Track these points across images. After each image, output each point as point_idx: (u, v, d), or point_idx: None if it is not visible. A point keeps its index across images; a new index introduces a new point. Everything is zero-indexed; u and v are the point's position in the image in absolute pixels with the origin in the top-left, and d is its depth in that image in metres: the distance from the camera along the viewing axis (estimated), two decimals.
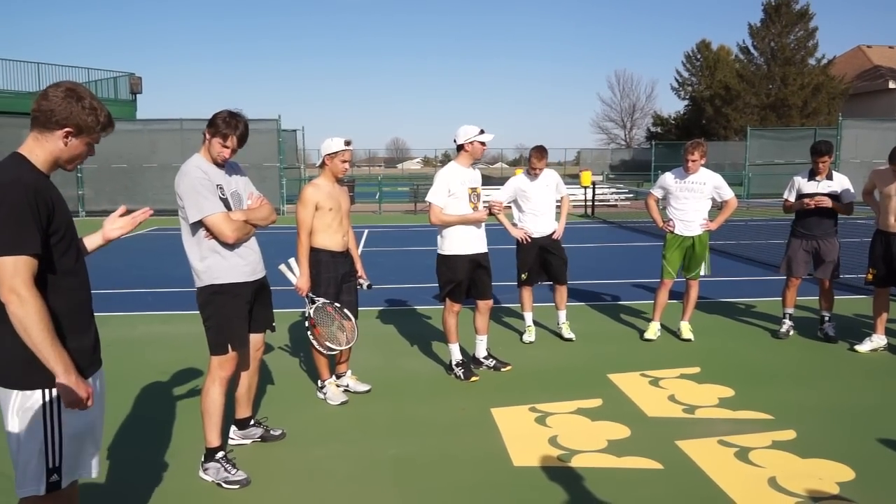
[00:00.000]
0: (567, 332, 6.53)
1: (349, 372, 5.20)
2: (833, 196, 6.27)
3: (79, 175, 20.76)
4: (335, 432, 4.42)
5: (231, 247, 3.67)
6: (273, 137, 21.43)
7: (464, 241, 5.33)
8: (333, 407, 4.86)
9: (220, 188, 3.65)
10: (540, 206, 6.35)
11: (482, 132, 5.27)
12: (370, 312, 7.57)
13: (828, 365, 5.81)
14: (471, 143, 5.25)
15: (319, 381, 5.02)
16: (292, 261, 4.73)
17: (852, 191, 6.37)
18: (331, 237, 4.76)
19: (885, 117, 32.93)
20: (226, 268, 3.68)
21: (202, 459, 3.77)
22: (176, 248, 4.46)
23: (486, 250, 5.48)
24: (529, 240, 6.33)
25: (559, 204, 6.66)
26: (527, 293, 6.52)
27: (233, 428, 4.22)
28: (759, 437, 4.24)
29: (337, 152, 4.73)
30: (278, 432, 4.30)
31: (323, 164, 4.82)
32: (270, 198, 4.27)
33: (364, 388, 5.15)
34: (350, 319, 4.74)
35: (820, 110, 40.09)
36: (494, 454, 4.05)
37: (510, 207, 6.54)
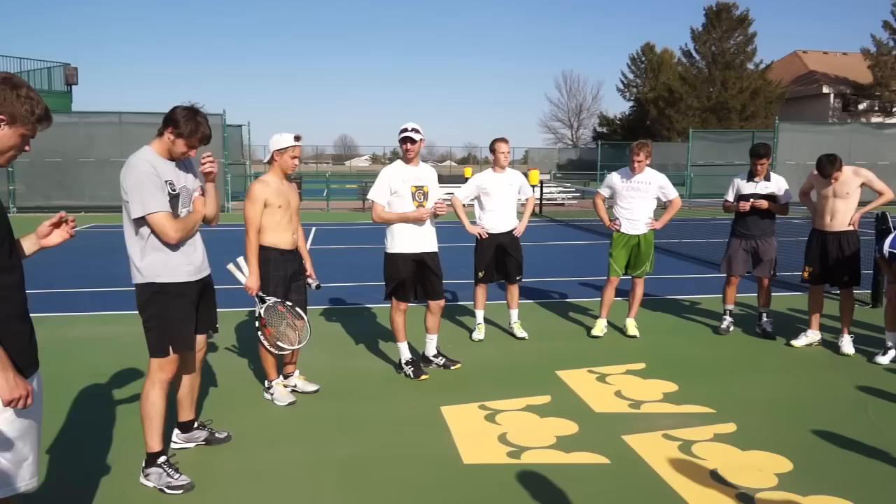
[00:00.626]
0: (519, 331, 6.57)
1: (297, 372, 5.12)
2: (770, 197, 6.49)
3: (10, 170, 19.88)
4: (283, 434, 4.34)
5: (175, 245, 3.56)
6: (217, 133, 20.93)
7: (407, 240, 5.31)
8: (281, 408, 4.77)
9: (170, 184, 3.52)
10: (501, 205, 6.36)
11: (403, 131, 5.23)
12: (318, 311, 7.48)
13: (766, 360, 6.00)
14: (399, 141, 5.25)
15: (266, 382, 4.93)
16: (241, 260, 4.62)
17: (789, 191, 6.60)
18: (280, 235, 4.67)
19: (819, 121, 34.30)
20: (169, 267, 3.56)
21: (143, 464, 3.65)
22: (115, 245, 4.31)
23: (435, 249, 5.47)
24: (486, 236, 6.35)
25: (523, 204, 6.71)
26: (481, 291, 6.54)
27: (176, 431, 4.10)
28: (701, 431, 4.35)
29: (286, 148, 4.65)
30: (223, 435, 4.20)
31: (271, 161, 4.72)
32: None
33: (312, 388, 5.08)
34: (302, 318, 4.67)
35: (758, 113, 41.50)
36: (444, 452, 4.05)
37: (472, 205, 6.56)
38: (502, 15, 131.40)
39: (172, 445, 4.05)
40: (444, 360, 5.69)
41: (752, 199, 6.46)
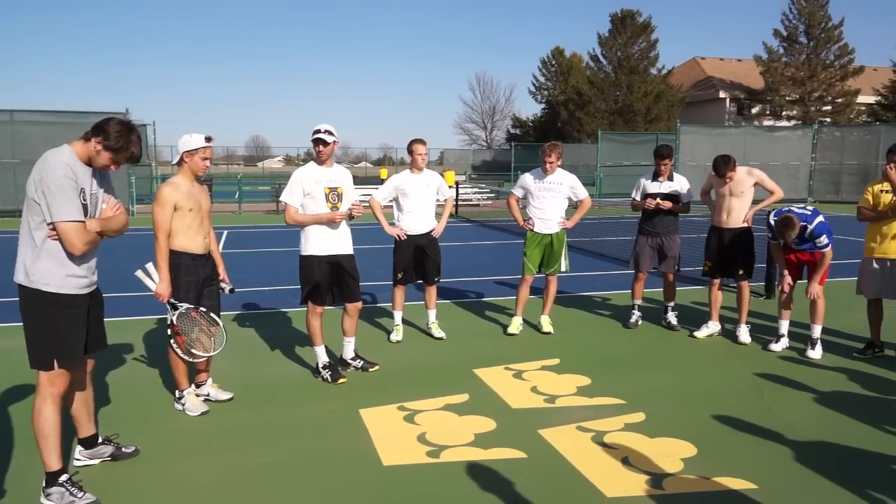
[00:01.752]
0: (437, 332, 6.61)
1: (210, 380, 4.97)
2: (674, 195, 6.80)
3: None
4: (195, 445, 4.21)
5: (74, 257, 3.39)
6: None
7: (322, 242, 5.25)
8: (193, 418, 4.62)
9: (83, 192, 3.35)
10: (419, 206, 6.37)
11: (315, 132, 5.18)
12: (231, 317, 7.29)
13: (671, 351, 6.29)
14: (312, 142, 5.21)
15: (177, 392, 4.76)
16: (150, 265, 4.44)
17: (690, 191, 6.94)
18: (191, 239, 4.53)
19: (717, 124, 36.21)
20: (61, 276, 3.37)
21: (43, 485, 3.46)
22: (6, 253, 4.05)
23: (351, 252, 5.43)
24: (405, 237, 6.35)
25: (441, 205, 6.74)
26: (399, 292, 6.54)
27: (78, 448, 3.90)
28: (612, 421, 4.52)
29: (197, 149, 4.51)
30: (131, 449, 4.03)
31: (181, 162, 4.56)
32: (118, 197, 3.97)
33: (226, 396, 4.94)
34: (218, 324, 4.54)
35: (661, 116, 43.35)
36: (363, 455, 4.03)
37: (390, 206, 6.55)
38: (416, 17, 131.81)
39: (75, 463, 3.85)
40: (362, 362, 5.66)
41: (657, 200, 6.75)
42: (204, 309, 4.52)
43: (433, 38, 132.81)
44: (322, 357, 5.43)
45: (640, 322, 7.11)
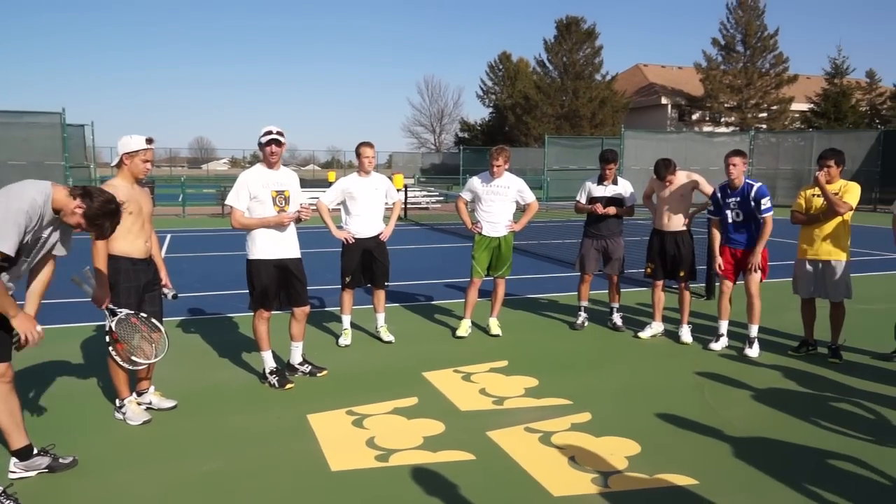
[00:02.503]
0: (386, 335, 6.59)
1: (152, 388, 4.85)
2: (618, 199, 6.95)
3: None
4: (137, 455, 4.09)
5: None
6: (56, 132, 19.40)
7: (269, 246, 5.19)
8: (134, 427, 4.49)
9: (32, 233, 3.38)
10: (367, 209, 6.34)
11: (267, 134, 5.12)
12: (175, 323, 7.11)
13: (617, 351, 6.42)
14: (259, 145, 5.14)
15: (118, 401, 4.62)
16: (87, 270, 4.30)
17: (634, 194, 7.10)
18: (131, 243, 4.41)
19: (659, 129, 37.17)
20: None
21: None
22: None
23: (298, 255, 5.38)
24: (353, 241, 6.31)
25: (389, 208, 6.73)
26: (347, 296, 6.50)
27: (13, 460, 3.75)
28: (559, 422, 4.59)
29: (137, 151, 4.40)
30: (68, 460, 3.89)
31: (120, 164, 4.44)
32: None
33: (169, 404, 4.82)
34: (159, 330, 4.43)
35: (606, 121, 44.23)
36: (311, 461, 3.99)
37: (338, 210, 6.50)
38: (364, 20, 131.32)
39: (10, 476, 3.70)
40: (310, 367, 5.61)
41: (603, 207, 6.87)
42: (145, 315, 4.41)
43: (381, 40, 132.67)
44: (269, 362, 5.36)
45: (586, 323, 7.24)
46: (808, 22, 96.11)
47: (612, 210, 6.90)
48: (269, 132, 5.11)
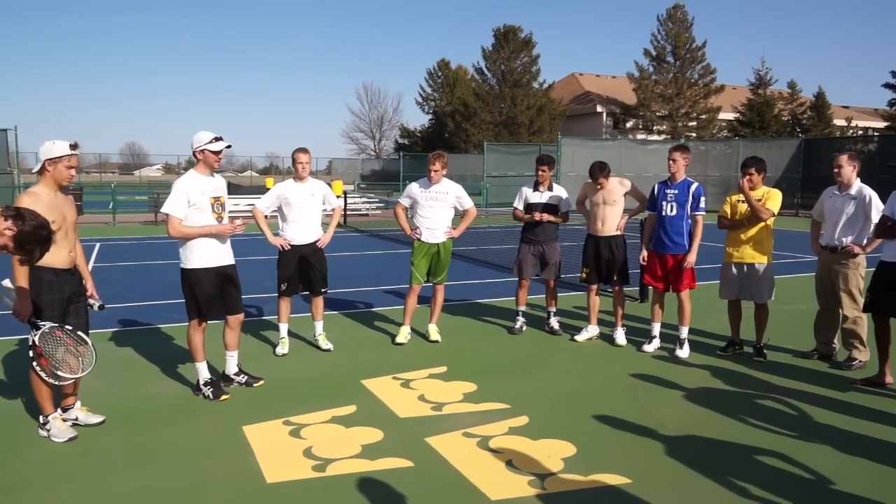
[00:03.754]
0: (324, 343, 6.52)
1: (78, 403, 4.66)
2: (553, 205, 7.08)
3: None
4: (62, 473, 3.93)
5: None
6: None
7: (209, 254, 5.08)
8: (59, 444, 4.31)
9: None
10: (304, 216, 6.26)
11: (216, 139, 5.06)
12: (106, 335, 6.86)
13: (554, 355, 6.53)
14: (202, 151, 5.03)
15: (42, 417, 4.42)
16: (7, 282, 4.10)
17: (569, 200, 7.24)
18: (54, 253, 4.21)
19: (595, 137, 38.02)
20: None
21: None
22: None
23: (233, 262, 5.28)
24: (289, 247, 6.23)
25: (328, 215, 6.67)
26: (284, 304, 6.40)
27: None
28: (497, 426, 4.63)
29: (61, 157, 4.24)
30: None
31: (43, 171, 4.27)
32: None
33: (97, 419, 4.65)
34: (86, 343, 4.26)
35: (544, 129, 44.97)
36: (246, 474, 3.91)
37: (275, 216, 6.41)
38: (303, 26, 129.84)
39: None
40: (245, 377, 5.50)
41: (542, 215, 6.98)
42: (70, 327, 4.24)
43: (319, 46, 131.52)
44: (203, 373, 5.23)
45: (524, 328, 7.33)
46: (733, 35, 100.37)
47: (549, 217, 7.01)
48: (218, 138, 5.03)
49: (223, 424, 4.66)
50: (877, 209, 5.78)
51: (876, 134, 37.33)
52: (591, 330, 7.05)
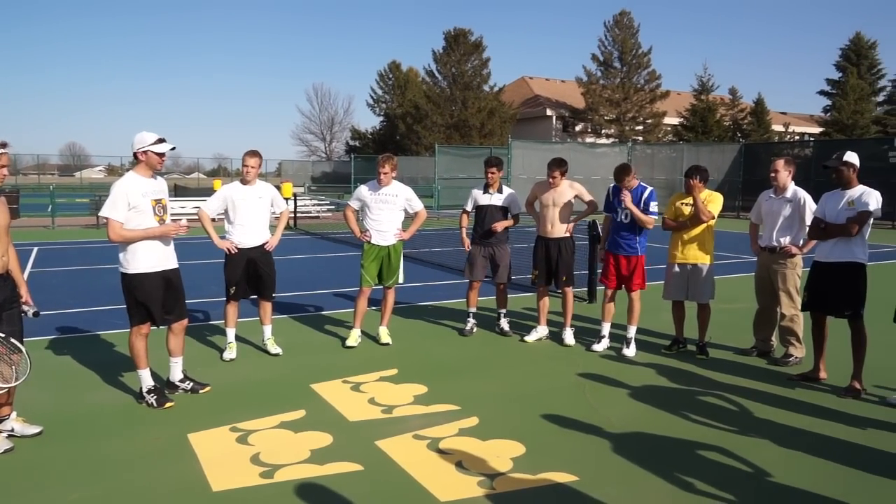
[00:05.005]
0: (273, 348, 6.43)
1: (14, 414, 4.48)
2: (503, 208, 7.14)
3: None
4: None
5: None
6: None
7: (153, 257, 4.95)
8: None
9: None
10: (251, 218, 6.16)
11: (160, 141, 4.94)
12: (43, 343, 6.62)
13: (504, 356, 6.58)
14: (144, 152, 4.91)
15: None
16: None
17: (518, 203, 7.32)
18: None
19: (544, 140, 38.49)
20: None
21: None
22: None
23: (177, 266, 5.17)
24: (236, 251, 6.12)
25: (277, 217, 6.58)
26: (232, 308, 6.29)
27: None
28: (447, 428, 4.65)
29: None
30: None
31: None
32: None
33: (34, 430, 4.48)
34: (20, 351, 4.10)
35: (495, 131, 45.30)
36: (191, 482, 3.83)
37: (222, 219, 6.28)
38: (251, 31, 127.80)
39: None
40: (191, 384, 5.38)
41: (496, 228, 7.05)
42: (3, 335, 4.08)
43: (269, 47, 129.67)
44: (146, 381, 5.09)
45: (474, 329, 7.37)
46: (677, 42, 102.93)
47: (499, 226, 7.07)
48: (162, 140, 4.92)
49: (168, 432, 4.55)
50: (811, 211, 6.01)
51: (811, 139, 38.80)
52: (541, 331, 7.13)
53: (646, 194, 6.49)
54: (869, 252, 5.51)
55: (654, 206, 6.49)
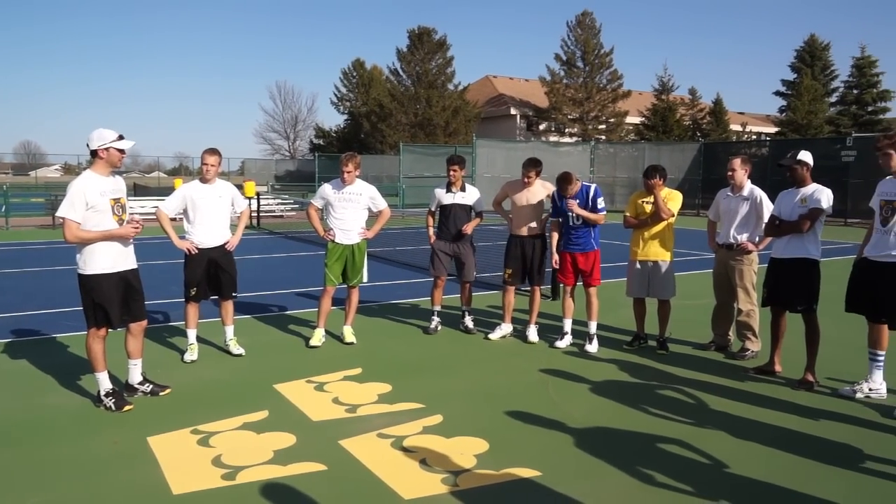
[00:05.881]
0: (235, 349, 6.36)
1: None
2: (466, 206, 7.17)
3: None
4: None
5: None
6: None
7: (112, 258, 4.86)
8: None
9: None
10: (211, 218, 6.08)
11: (120, 138, 4.86)
12: None
13: (468, 354, 6.62)
14: (105, 149, 4.82)
15: None
16: None
17: (481, 201, 7.35)
18: None
19: (509, 138, 38.69)
20: None
21: None
22: None
23: (136, 266, 5.08)
24: (196, 251, 6.03)
25: (238, 216, 6.50)
26: (193, 309, 6.19)
27: None
28: (411, 426, 4.66)
29: None
30: None
31: None
32: None
33: None
34: None
35: (459, 130, 45.35)
36: (152, 486, 3.77)
37: (179, 219, 6.19)
38: (213, 23, 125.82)
39: None
40: (151, 386, 5.29)
41: (465, 230, 7.10)
42: None
43: (231, 44, 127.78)
44: (104, 384, 4.99)
45: (439, 328, 7.39)
46: (638, 43, 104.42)
47: (469, 228, 7.13)
48: (122, 136, 4.83)
49: (127, 436, 4.47)
50: (767, 209, 6.16)
51: (768, 139, 39.72)
52: (505, 328, 7.18)
53: (591, 192, 6.58)
54: (822, 248, 5.68)
55: (601, 202, 6.58)
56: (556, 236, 6.81)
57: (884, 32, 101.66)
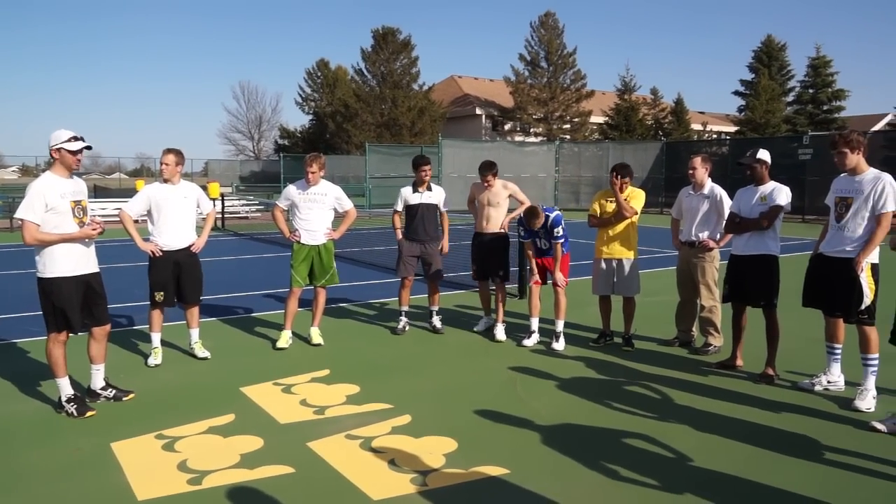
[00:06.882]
0: (201, 352, 6.28)
1: None
2: (433, 205, 7.19)
3: None
4: None
5: None
6: None
7: (73, 261, 4.76)
8: None
9: None
10: (175, 219, 5.98)
11: (75, 138, 4.76)
12: None
13: (436, 353, 6.63)
14: (57, 149, 4.72)
15: None
16: None
17: (447, 200, 7.38)
18: None
19: (475, 138, 38.83)
20: None
21: None
22: None
23: (98, 269, 4.98)
24: (160, 253, 5.93)
25: (204, 219, 6.41)
26: (157, 313, 6.09)
27: None
28: (380, 427, 4.65)
29: None
30: None
31: None
32: None
33: None
34: None
35: (425, 130, 45.30)
36: (115, 493, 3.71)
37: (141, 220, 6.08)
38: (175, 23, 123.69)
39: None
40: (114, 391, 5.20)
41: (420, 213, 7.13)
42: None
43: (194, 43, 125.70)
44: (66, 389, 4.89)
45: (407, 328, 7.39)
46: (600, 43, 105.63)
47: (445, 247, 7.30)
48: (77, 137, 4.74)
49: (89, 442, 4.38)
50: (727, 207, 6.29)
51: (728, 137, 40.48)
52: (482, 324, 7.33)
53: (551, 220, 6.55)
54: (781, 244, 5.83)
55: (558, 231, 6.57)
56: (530, 254, 6.90)
57: (838, 33, 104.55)
